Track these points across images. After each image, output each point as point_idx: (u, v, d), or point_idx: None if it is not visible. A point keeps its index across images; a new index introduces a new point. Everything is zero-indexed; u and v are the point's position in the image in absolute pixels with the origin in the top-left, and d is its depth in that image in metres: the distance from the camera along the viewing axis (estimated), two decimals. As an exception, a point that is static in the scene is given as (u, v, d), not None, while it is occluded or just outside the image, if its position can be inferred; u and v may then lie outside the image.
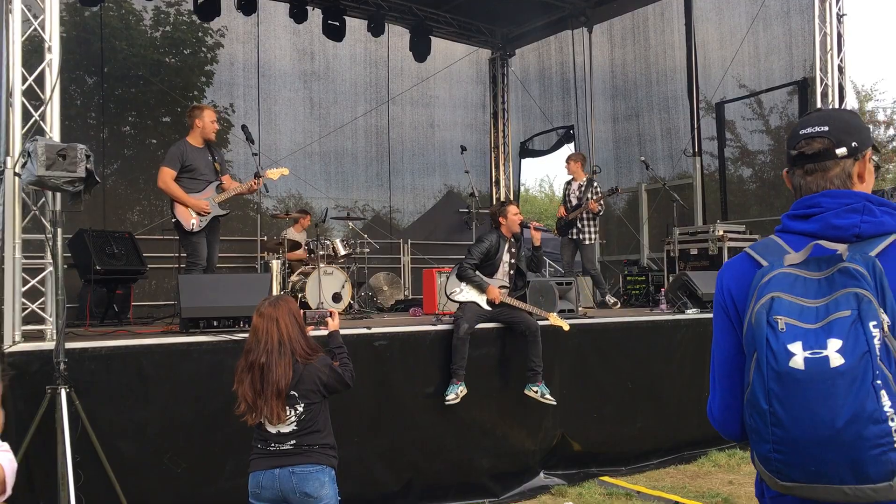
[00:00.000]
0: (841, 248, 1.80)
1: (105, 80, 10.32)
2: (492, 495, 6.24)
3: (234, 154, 10.99)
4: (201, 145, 6.94)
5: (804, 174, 1.97)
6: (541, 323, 6.43)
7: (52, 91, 4.89)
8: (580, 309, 7.84)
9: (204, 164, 6.90)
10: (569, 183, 9.94)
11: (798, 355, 1.70)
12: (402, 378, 5.95)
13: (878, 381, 1.66)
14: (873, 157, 2.01)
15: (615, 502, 5.98)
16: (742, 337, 1.90)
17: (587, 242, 9.61)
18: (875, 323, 1.68)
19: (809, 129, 1.94)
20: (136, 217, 10.70)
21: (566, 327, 6.49)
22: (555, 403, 6.31)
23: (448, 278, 6.93)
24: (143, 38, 10.97)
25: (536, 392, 6.24)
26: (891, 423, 1.66)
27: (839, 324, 1.70)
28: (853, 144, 1.93)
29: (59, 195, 4.75)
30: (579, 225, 9.58)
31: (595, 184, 9.69)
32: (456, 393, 5.97)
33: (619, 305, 9.59)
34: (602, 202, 9.55)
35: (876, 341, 1.67)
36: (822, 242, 1.85)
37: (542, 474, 6.63)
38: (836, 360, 1.67)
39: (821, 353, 1.68)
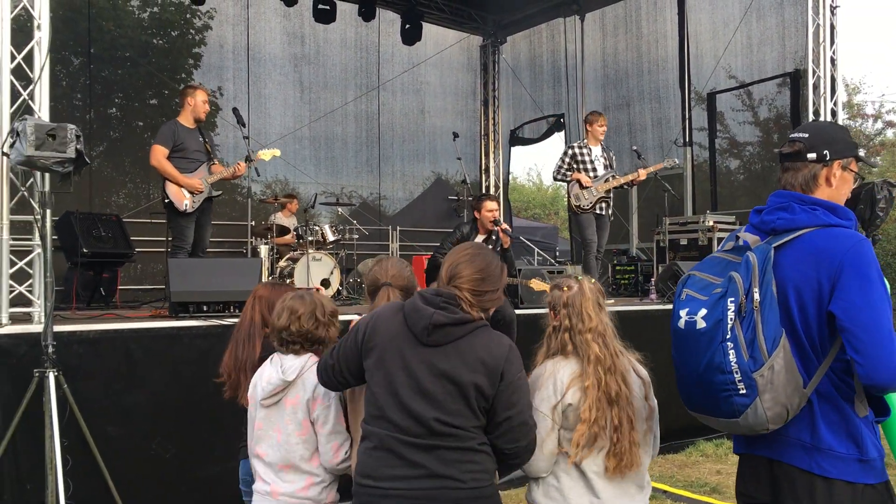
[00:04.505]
0: (752, 238, 2.30)
1: (92, 61, 10.16)
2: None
3: (221, 138, 10.87)
4: (192, 126, 6.90)
5: (783, 170, 2.39)
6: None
7: (42, 70, 4.81)
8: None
9: (195, 145, 6.86)
10: (584, 147, 8.25)
11: (682, 318, 2.28)
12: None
13: (729, 343, 2.16)
14: (852, 168, 2.37)
15: (604, 491, 5.97)
16: None
17: (611, 219, 8.41)
18: (733, 299, 2.17)
19: (795, 134, 2.37)
20: (122, 200, 10.59)
21: (547, 288, 6.57)
22: None
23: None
24: (130, 18, 10.82)
25: None
26: (735, 375, 2.15)
27: (713, 297, 2.22)
28: (824, 152, 2.32)
29: (47, 176, 4.68)
30: (609, 200, 8.25)
31: (609, 149, 8.58)
32: None
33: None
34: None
35: (730, 313, 2.16)
36: (742, 234, 2.34)
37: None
38: (700, 324, 2.22)
39: (694, 317, 2.24)
